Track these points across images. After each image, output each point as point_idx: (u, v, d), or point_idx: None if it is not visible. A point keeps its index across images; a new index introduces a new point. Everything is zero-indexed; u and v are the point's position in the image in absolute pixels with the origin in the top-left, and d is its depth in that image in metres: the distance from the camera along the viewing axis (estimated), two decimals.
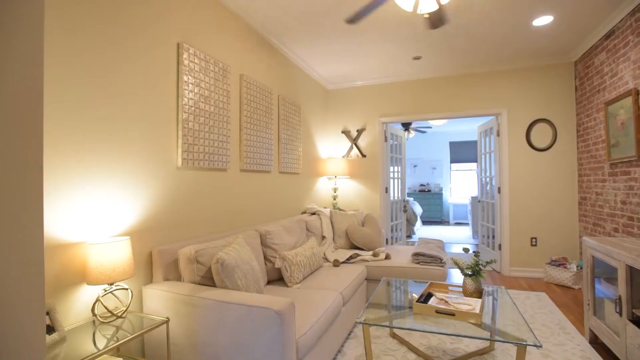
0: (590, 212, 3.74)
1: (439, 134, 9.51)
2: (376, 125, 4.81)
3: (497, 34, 3.43)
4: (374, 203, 4.78)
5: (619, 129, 3.06)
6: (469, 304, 1.92)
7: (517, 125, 4.27)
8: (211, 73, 2.46)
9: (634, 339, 1.88)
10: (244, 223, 2.91)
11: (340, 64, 4.20)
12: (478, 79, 4.41)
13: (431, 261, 2.99)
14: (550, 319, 2.90)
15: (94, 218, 1.63)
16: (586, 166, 3.82)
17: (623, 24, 2.99)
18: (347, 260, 3.21)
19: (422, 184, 9.65)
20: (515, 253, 4.25)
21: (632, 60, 2.88)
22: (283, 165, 3.55)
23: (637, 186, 2.84)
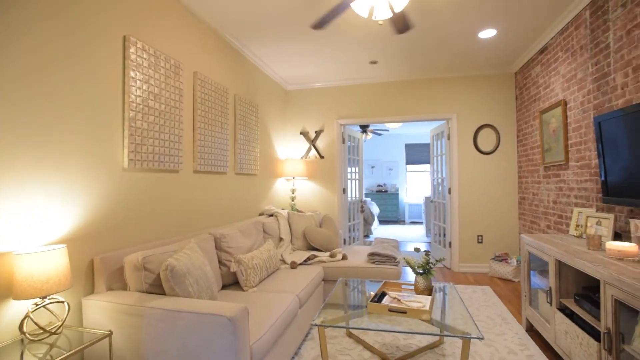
0: (527, 211, 4.08)
1: (395, 136, 9.85)
2: (334, 127, 4.87)
3: (447, 43, 3.62)
4: (332, 204, 4.84)
5: (552, 136, 3.36)
6: (420, 301, 2.00)
7: (465, 129, 4.54)
8: (162, 69, 2.34)
9: (561, 326, 2.08)
10: (198, 226, 2.80)
11: (300, 66, 4.20)
12: (430, 84, 4.63)
13: (386, 260, 3.08)
14: (493, 311, 3.12)
15: (24, 225, 1.47)
16: (525, 169, 4.16)
17: (554, 41, 3.30)
18: (305, 261, 3.22)
19: (379, 185, 9.94)
20: (464, 250, 4.52)
21: (561, 74, 3.19)
22: (239, 166, 3.47)
23: (565, 187, 3.14)
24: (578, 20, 2.88)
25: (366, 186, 10.05)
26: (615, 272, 1.57)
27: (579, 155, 2.91)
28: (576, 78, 2.94)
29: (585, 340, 1.81)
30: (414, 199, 9.81)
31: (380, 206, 9.60)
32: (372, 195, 9.75)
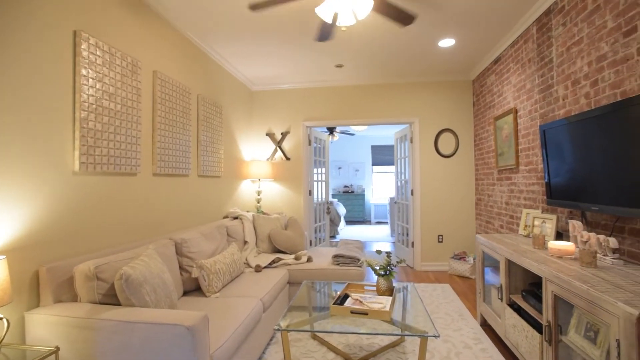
0: (483, 212, 4.31)
1: (361, 138, 10.03)
2: (300, 129, 4.88)
3: (410, 50, 3.75)
4: (297, 206, 4.84)
5: (504, 141, 3.58)
6: (381, 302, 2.06)
7: (427, 133, 4.72)
8: (117, 67, 2.23)
9: (510, 320, 2.23)
10: (157, 232, 2.70)
11: (266, 67, 4.16)
12: (394, 89, 4.77)
13: (350, 262, 3.14)
14: (451, 308, 3.27)
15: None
16: (481, 171, 4.40)
17: (506, 52, 3.52)
18: (270, 264, 3.20)
19: (346, 186, 10.07)
20: (426, 249, 4.70)
21: (512, 84, 3.40)
22: (202, 168, 3.38)
23: (516, 189, 3.36)
24: (526, 35, 3.09)
25: (333, 187, 10.15)
26: (554, 269, 1.71)
27: (527, 160, 3.13)
28: (525, 88, 3.15)
29: (530, 333, 1.95)
30: (379, 200, 10.04)
31: (346, 207, 9.74)
32: (339, 196, 9.86)
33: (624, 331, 1.21)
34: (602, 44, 2.14)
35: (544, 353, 1.79)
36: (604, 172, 1.91)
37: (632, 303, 1.23)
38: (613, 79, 2.06)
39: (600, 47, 2.16)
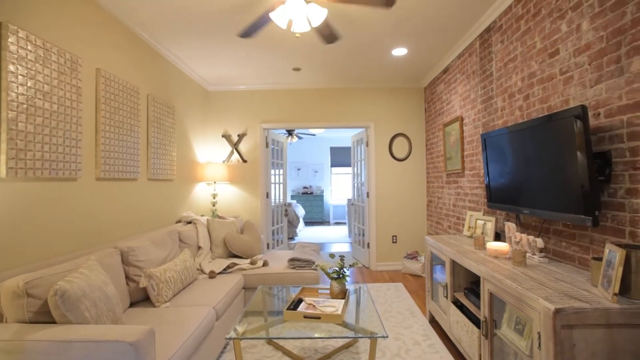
0: (434, 213, 4.55)
1: (320, 139, 10.12)
2: (258, 131, 4.83)
3: (364, 57, 3.86)
4: (255, 208, 4.78)
5: (452, 147, 3.81)
6: (334, 305, 2.11)
7: (382, 137, 4.88)
8: (53, 64, 2.07)
9: (454, 316, 2.38)
10: (102, 240, 2.54)
11: (222, 68, 4.06)
12: (351, 93, 4.88)
13: (305, 265, 3.16)
14: (403, 306, 3.42)
15: None
16: (432, 175, 4.63)
17: (454, 63, 3.74)
18: (224, 270, 3.14)
19: (305, 187, 10.11)
20: (381, 250, 4.86)
21: (459, 93, 3.63)
22: (153, 171, 3.23)
23: (462, 192, 3.59)
24: (471, 49, 3.31)
25: (292, 188, 10.14)
26: (490, 269, 1.86)
27: (471, 165, 3.35)
28: (470, 98, 3.38)
29: (470, 328, 2.10)
30: (338, 201, 10.20)
31: (306, 208, 9.78)
32: (298, 197, 9.87)
33: (544, 324, 1.35)
34: (532, 63, 2.36)
35: (482, 346, 1.94)
36: (532, 178, 2.11)
37: (551, 299, 1.37)
38: (541, 95, 2.28)
39: (531, 65, 2.38)
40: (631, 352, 1.32)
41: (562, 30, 2.07)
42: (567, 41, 2.03)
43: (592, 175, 1.66)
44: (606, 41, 1.76)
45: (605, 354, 1.31)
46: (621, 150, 1.67)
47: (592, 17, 1.85)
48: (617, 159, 1.70)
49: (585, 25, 1.89)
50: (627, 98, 1.64)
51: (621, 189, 1.67)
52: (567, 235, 2.04)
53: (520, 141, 2.23)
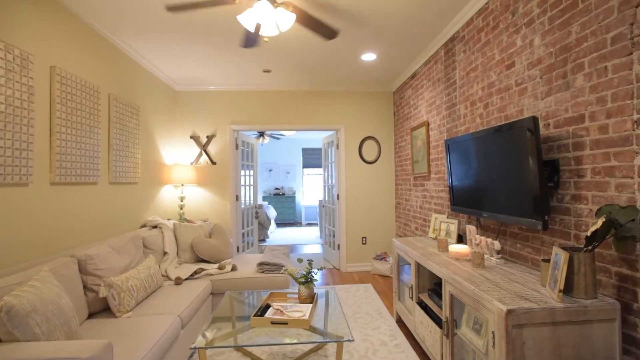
0: (402, 215, 4.67)
1: (292, 140, 10.10)
2: (227, 132, 4.75)
3: (335, 61, 3.89)
4: (224, 211, 4.70)
5: (419, 150, 3.93)
6: (301, 310, 2.12)
7: (352, 140, 4.95)
8: (0, 61, 1.94)
9: (418, 317, 2.46)
10: (57, 249, 2.40)
11: (190, 67, 3.96)
12: (321, 96, 4.91)
13: (275, 269, 3.15)
14: (372, 307, 3.48)
15: None
16: (400, 177, 4.75)
17: (421, 70, 3.86)
18: (191, 276, 3.06)
19: (277, 188, 10.06)
20: (351, 251, 4.92)
21: (425, 99, 3.75)
22: (115, 174, 3.10)
23: (428, 195, 3.71)
24: (436, 57, 3.43)
25: (264, 189, 10.06)
26: (451, 272, 1.94)
27: (437, 169, 3.47)
28: (435, 104, 3.50)
29: (433, 328, 2.18)
30: (310, 202, 10.22)
31: (277, 209, 9.72)
32: (269, 199, 9.80)
33: (497, 324, 1.43)
34: (491, 73, 2.48)
35: (443, 346, 2.02)
36: (491, 184, 2.22)
37: (504, 300, 1.46)
38: (499, 104, 2.40)
39: (490, 76, 2.51)
40: (573, 347, 1.42)
41: (518, 44, 2.20)
42: (522, 55, 2.16)
43: (543, 182, 1.78)
44: (555, 57, 1.88)
45: (550, 349, 1.41)
46: (568, 159, 1.80)
47: (543, 34, 1.97)
48: (564, 167, 1.82)
49: (537, 41, 2.02)
50: (572, 111, 1.76)
51: (567, 195, 1.80)
52: (521, 237, 2.16)
53: (479, 148, 2.34)
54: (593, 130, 1.64)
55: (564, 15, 1.82)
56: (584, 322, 1.42)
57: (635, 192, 1.44)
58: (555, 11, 1.88)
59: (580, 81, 1.71)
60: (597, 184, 1.62)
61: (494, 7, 2.44)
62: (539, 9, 2.00)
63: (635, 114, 1.44)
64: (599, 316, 1.42)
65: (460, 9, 2.76)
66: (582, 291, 1.48)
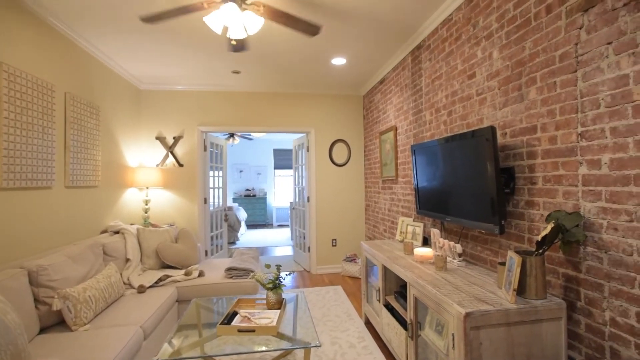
0: (371, 217, 4.75)
1: (263, 141, 10.00)
2: (195, 134, 4.62)
3: (305, 64, 3.90)
4: (192, 215, 4.58)
5: (387, 154, 4.02)
6: (269, 317, 2.10)
7: (322, 143, 4.98)
8: None
9: (385, 319, 2.52)
10: (8, 259, 2.23)
11: (156, 66, 3.82)
12: (292, 99, 4.89)
13: (243, 274, 3.11)
14: (341, 309, 3.52)
15: None
16: (369, 180, 4.83)
17: (389, 75, 3.95)
18: (156, 283, 2.96)
19: (248, 189, 9.92)
20: (321, 253, 4.95)
21: (394, 104, 3.84)
22: (72, 177, 2.93)
23: (396, 198, 3.80)
24: (404, 63, 3.53)
25: (234, 190, 9.89)
26: (415, 275, 2.00)
27: (404, 173, 3.57)
28: (403, 109, 3.59)
29: (399, 330, 2.24)
30: (281, 203, 10.17)
31: (248, 210, 9.59)
32: (240, 200, 9.65)
33: (457, 327, 1.49)
34: (454, 82, 2.59)
35: (408, 347, 2.08)
36: (453, 189, 2.31)
37: (463, 304, 1.52)
38: (461, 112, 2.51)
39: (453, 84, 2.61)
40: (525, 345, 1.51)
41: (478, 56, 2.30)
42: (482, 66, 2.26)
43: (499, 188, 1.88)
44: (511, 70, 1.99)
45: (505, 348, 1.49)
46: (522, 167, 1.91)
47: (501, 47, 2.08)
48: (519, 174, 1.93)
49: (496, 54, 2.13)
50: (526, 122, 1.87)
51: (522, 201, 1.91)
52: (481, 240, 2.27)
53: (442, 154, 2.43)
54: (544, 140, 1.76)
55: (519, 31, 1.93)
56: (534, 321, 1.52)
57: (579, 199, 1.56)
58: (511, 27, 1.99)
59: (533, 94, 1.82)
60: (548, 191, 1.74)
61: (457, 19, 2.54)
62: (497, 23, 2.11)
63: (580, 127, 1.55)
64: (548, 315, 1.52)
65: (427, 19, 2.85)
66: (533, 292, 1.58)
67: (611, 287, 1.42)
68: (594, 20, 1.48)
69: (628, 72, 1.34)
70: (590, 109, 1.50)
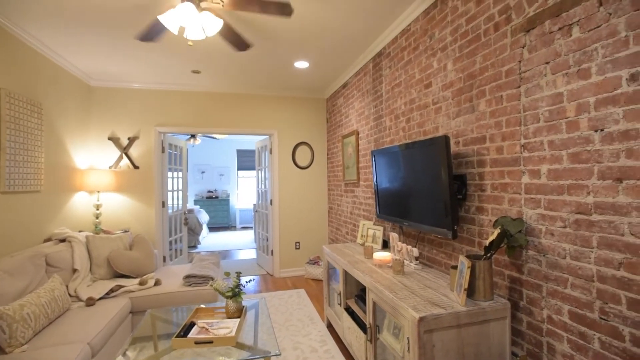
0: (334, 219, 4.80)
1: (227, 142, 9.76)
2: (152, 135, 4.41)
3: (268, 66, 3.86)
4: (148, 219, 4.36)
5: (349, 158, 4.08)
6: (228, 326, 2.06)
7: (286, 145, 4.95)
8: None
9: (346, 322, 2.56)
10: None
11: (107, 62, 3.59)
12: (255, 100, 4.82)
13: (203, 282, 3.01)
14: (304, 313, 3.52)
15: None
16: (332, 183, 4.88)
17: (352, 80, 4.01)
18: (107, 294, 2.78)
19: (210, 191, 9.64)
20: (284, 256, 4.92)
21: (356, 108, 3.91)
22: (8, 182, 2.68)
23: (357, 201, 3.87)
24: (366, 69, 3.60)
25: (196, 192, 9.56)
26: (374, 280, 2.04)
27: (365, 177, 3.64)
28: (364, 114, 3.66)
29: (358, 334, 2.28)
30: (245, 205, 9.99)
31: (210, 213, 9.32)
32: (201, 202, 9.35)
33: (411, 331, 1.54)
34: (412, 90, 2.68)
35: (367, 350, 2.12)
36: (410, 195, 2.39)
37: (417, 308, 1.58)
38: (419, 120, 2.60)
39: (411, 92, 2.70)
40: (474, 345, 1.60)
41: (434, 66, 2.40)
42: (438, 77, 2.36)
43: (453, 195, 1.97)
44: (463, 82, 2.10)
45: (456, 349, 1.56)
46: (473, 174, 2.02)
47: (454, 60, 2.18)
48: (470, 181, 2.04)
49: (450, 66, 2.23)
50: (477, 132, 1.98)
51: (473, 207, 2.02)
52: (437, 244, 2.37)
53: (400, 160, 2.51)
54: (492, 150, 1.87)
55: (470, 46, 2.04)
56: (482, 322, 1.61)
57: (522, 206, 1.67)
58: (463, 41, 2.10)
59: (483, 106, 1.93)
60: (495, 197, 1.85)
61: (415, 30, 2.64)
62: (452, 37, 2.21)
63: (523, 139, 1.67)
64: (494, 315, 1.62)
65: (387, 27, 2.93)
66: (481, 294, 1.67)
67: (548, 287, 1.54)
68: (535, 40, 1.59)
69: (562, 91, 1.46)
70: (531, 122, 1.62)
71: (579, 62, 1.39)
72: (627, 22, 1.22)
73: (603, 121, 1.30)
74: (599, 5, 1.31)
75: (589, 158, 1.36)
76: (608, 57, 1.28)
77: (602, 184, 1.31)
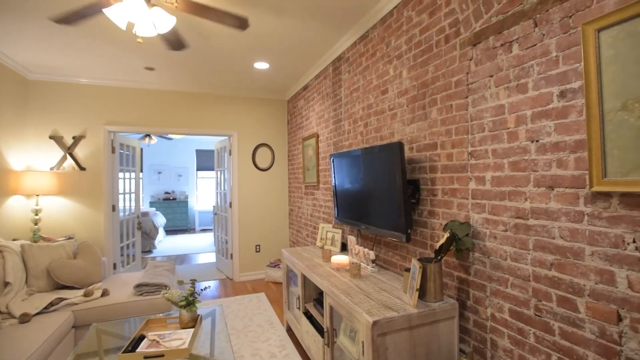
0: (295, 221, 4.79)
1: (185, 141, 9.40)
2: (101, 134, 4.13)
3: (226, 66, 3.76)
4: (96, 224, 4.08)
5: (310, 160, 4.08)
6: (181, 337, 1.97)
7: (246, 146, 4.85)
8: None
9: (304, 326, 2.55)
10: None
11: (48, 55, 3.30)
12: (214, 100, 4.68)
13: (156, 290, 2.87)
14: (264, 318, 3.47)
15: None
16: (293, 185, 4.86)
17: (312, 82, 4.02)
18: (46, 309, 2.56)
19: (167, 192, 9.23)
20: (244, 260, 4.82)
21: (316, 111, 3.92)
22: None
23: (317, 204, 3.88)
24: (326, 72, 3.62)
25: (151, 194, 9.10)
26: (331, 284, 2.06)
27: (325, 179, 3.66)
28: (324, 118, 3.68)
29: (316, 337, 2.28)
30: (205, 206, 9.67)
31: (167, 215, 8.92)
32: (158, 204, 8.92)
33: (365, 334, 1.57)
34: (370, 96, 2.73)
35: (325, 354, 2.14)
36: (366, 199, 2.44)
37: (372, 312, 1.61)
38: (376, 125, 2.66)
39: (368, 98, 2.75)
40: (425, 345, 1.66)
41: (390, 73, 2.47)
42: (393, 83, 2.43)
43: (406, 199, 2.03)
44: (417, 90, 2.18)
45: (408, 350, 1.62)
46: (426, 179, 2.10)
47: (409, 68, 2.26)
48: (423, 186, 2.12)
49: (405, 74, 2.30)
50: (429, 139, 2.06)
51: (425, 211, 2.10)
52: (392, 246, 2.44)
53: (357, 164, 2.55)
54: (443, 157, 1.95)
55: (424, 55, 2.12)
56: (432, 322, 1.67)
57: (469, 211, 1.76)
58: (417, 50, 2.17)
59: (435, 114, 2.02)
60: (445, 202, 1.93)
61: (372, 36, 2.69)
62: (406, 45, 2.28)
63: (470, 147, 1.76)
64: (444, 316, 1.69)
65: (344, 34, 2.96)
66: (432, 295, 1.74)
67: (492, 287, 1.64)
68: (480, 54, 1.69)
69: (504, 103, 1.56)
70: (477, 131, 1.71)
71: (518, 77, 1.49)
72: (557, 43, 1.33)
73: (538, 133, 1.41)
74: (535, 26, 1.42)
75: (527, 167, 1.46)
76: (542, 74, 1.39)
77: (537, 191, 1.42)
